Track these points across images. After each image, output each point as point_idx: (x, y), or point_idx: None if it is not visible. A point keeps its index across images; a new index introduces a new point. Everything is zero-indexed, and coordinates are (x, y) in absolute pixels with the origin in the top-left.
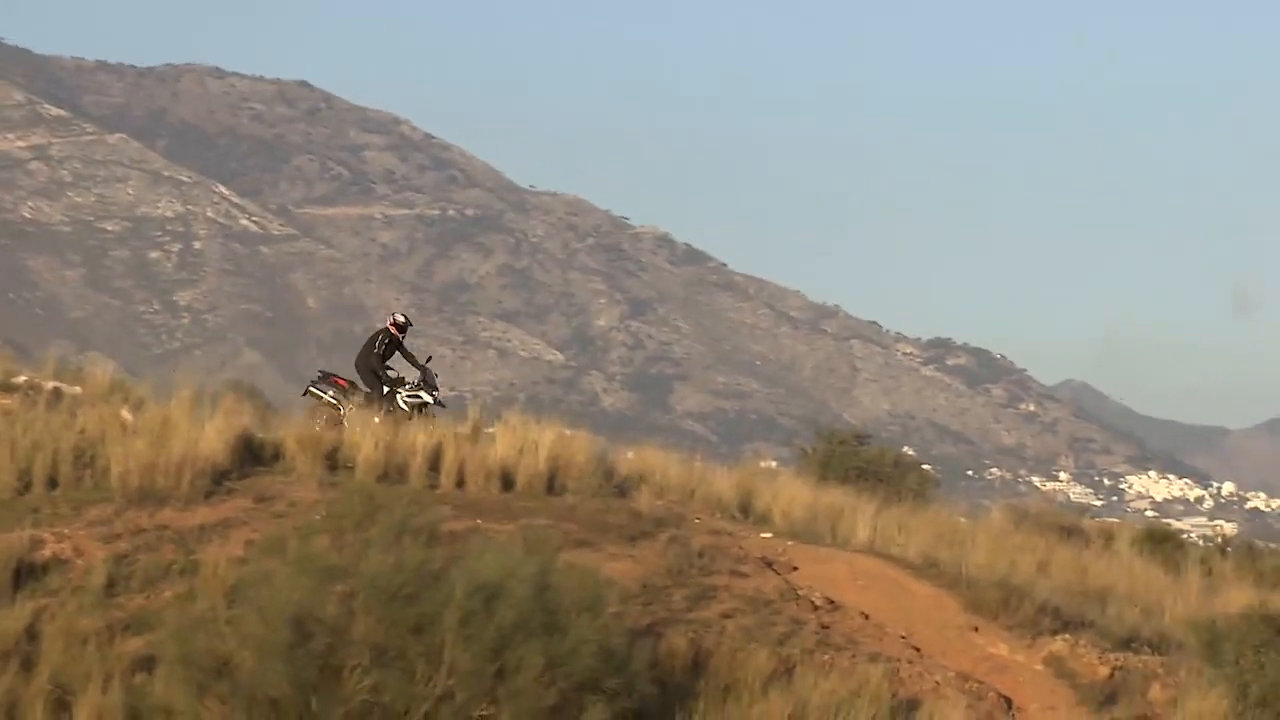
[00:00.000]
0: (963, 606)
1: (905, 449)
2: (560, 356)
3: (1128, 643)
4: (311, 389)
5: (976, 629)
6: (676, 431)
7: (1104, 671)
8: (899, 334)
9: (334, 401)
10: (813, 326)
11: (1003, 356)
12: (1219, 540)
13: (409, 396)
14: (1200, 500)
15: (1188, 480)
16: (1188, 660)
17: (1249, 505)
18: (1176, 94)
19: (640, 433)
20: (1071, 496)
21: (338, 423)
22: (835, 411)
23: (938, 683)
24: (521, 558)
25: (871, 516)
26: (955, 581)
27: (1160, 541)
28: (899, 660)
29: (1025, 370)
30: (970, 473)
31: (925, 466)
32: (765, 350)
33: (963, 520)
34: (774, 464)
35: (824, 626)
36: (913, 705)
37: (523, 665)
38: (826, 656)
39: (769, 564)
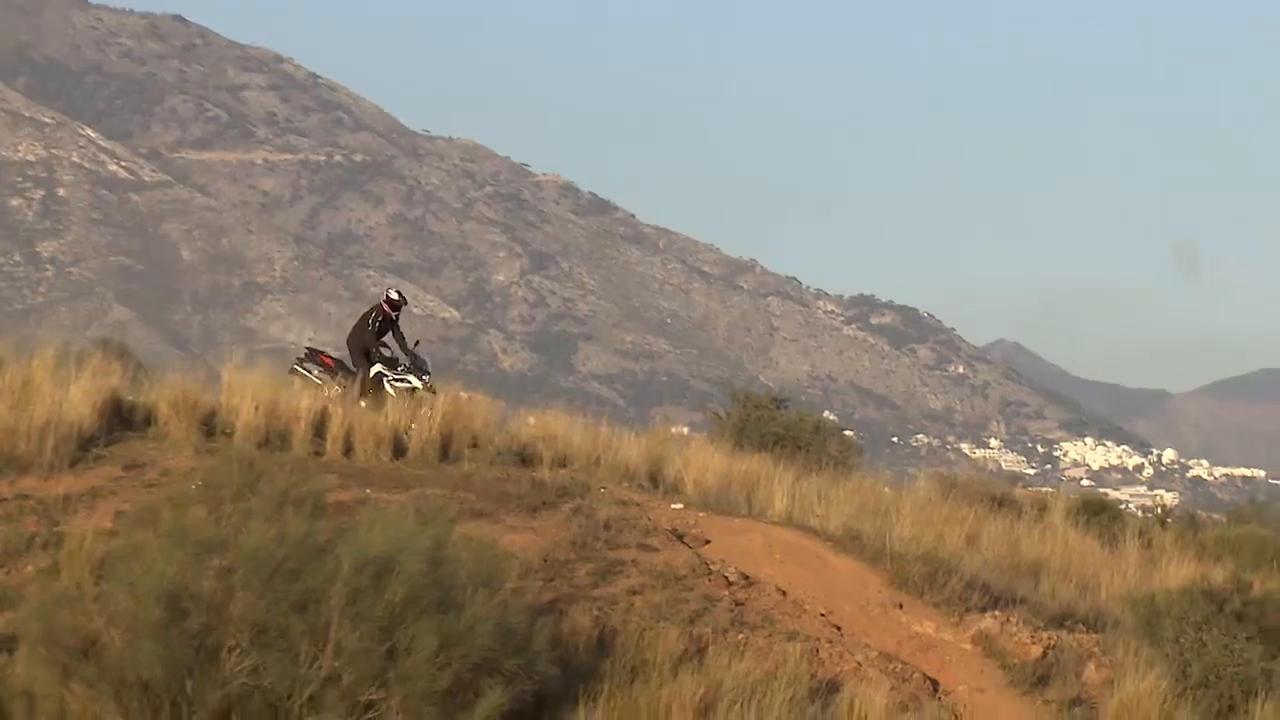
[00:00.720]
0: (886, 582)
1: (826, 413)
2: (456, 314)
3: (1061, 620)
4: (296, 367)
5: (901, 606)
6: (581, 394)
7: (1036, 651)
8: (820, 290)
9: (319, 381)
10: (728, 282)
11: (930, 315)
12: (1159, 511)
13: (396, 380)
14: (1139, 468)
15: (1126, 447)
16: (1125, 639)
17: (1191, 474)
18: (1114, 42)
19: (542, 396)
20: (1003, 464)
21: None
22: (751, 373)
23: (859, 663)
24: (414, 530)
25: (789, 486)
26: (879, 555)
27: (1097, 512)
28: (818, 639)
29: (954, 330)
30: (895, 439)
31: (847, 432)
32: (676, 307)
33: (887, 490)
34: (685, 430)
35: (738, 603)
36: (833, 687)
37: (414, 645)
38: (741, 635)
39: (680, 537)
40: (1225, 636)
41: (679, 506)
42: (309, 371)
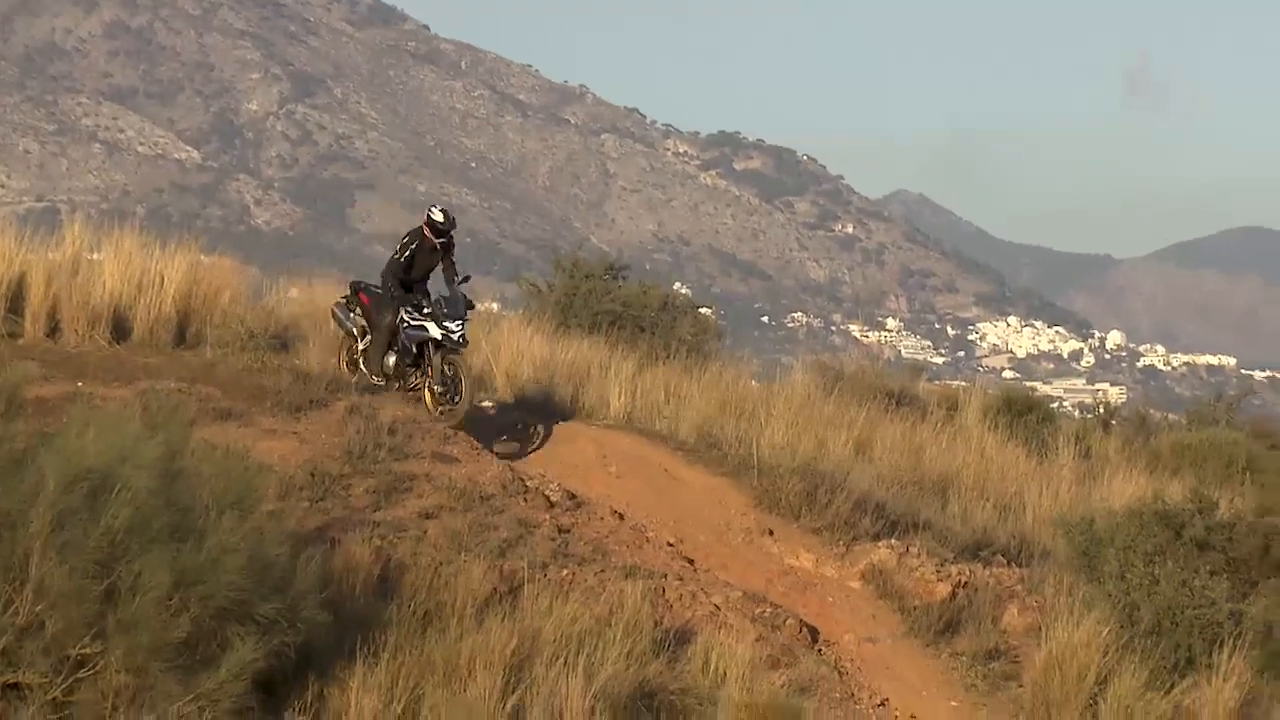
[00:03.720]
0: (752, 502)
1: (677, 285)
2: (195, 154)
3: (976, 551)
4: (334, 310)
5: (771, 533)
6: (358, 259)
7: (943, 590)
8: (669, 127)
9: (352, 331)
10: (550, 115)
11: (810, 159)
12: (1101, 410)
13: (411, 328)
14: (1076, 355)
15: (1060, 329)
16: (1056, 574)
17: (1142, 362)
18: None
19: (310, 260)
20: (903, 351)
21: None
22: (581, 233)
23: (717, 606)
24: (140, 436)
25: (629, 379)
26: (743, 468)
27: (1022, 412)
28: (665, 576)
29: (841, 178)
30: (766, 318)
31: (704, 310)
32: (483, 147)
33: (754, 384)
34: (494, 306)
35: (562, 530)
36: (683, 637)
37: (141, 584)
38: (566, 571)
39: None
40: (1184, 570)
41: (487, 405)
42: (343, 316)
